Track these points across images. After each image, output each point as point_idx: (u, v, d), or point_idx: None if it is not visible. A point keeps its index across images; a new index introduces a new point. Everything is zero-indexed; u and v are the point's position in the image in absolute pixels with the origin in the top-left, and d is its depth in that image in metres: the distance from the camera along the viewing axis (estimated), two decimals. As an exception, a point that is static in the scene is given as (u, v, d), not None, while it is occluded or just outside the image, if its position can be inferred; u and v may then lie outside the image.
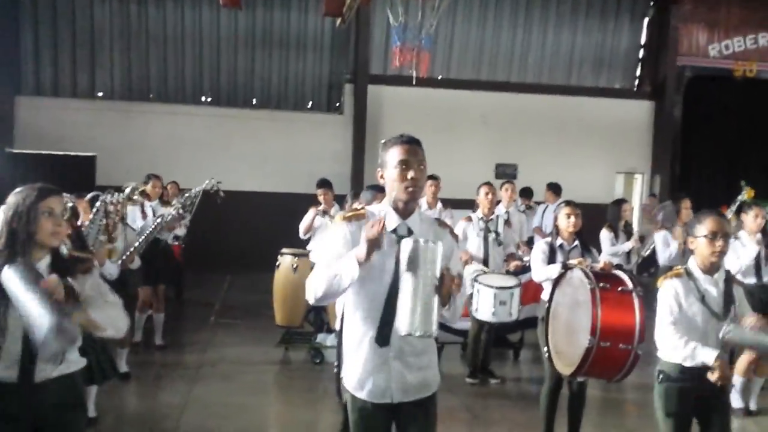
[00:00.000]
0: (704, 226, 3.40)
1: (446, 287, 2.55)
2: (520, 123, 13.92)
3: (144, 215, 7.21)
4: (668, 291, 3.44)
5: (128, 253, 5.62)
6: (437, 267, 2.53)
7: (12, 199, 2.70)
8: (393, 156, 2.74)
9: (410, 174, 2.70)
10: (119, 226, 6.00)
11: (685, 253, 6.44)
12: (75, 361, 2.84)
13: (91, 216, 5.00)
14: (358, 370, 2.78)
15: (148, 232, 6.10)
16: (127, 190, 5.87)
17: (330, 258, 2.74)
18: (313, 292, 2.71)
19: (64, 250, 2.82)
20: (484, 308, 6.16)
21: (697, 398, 3.41)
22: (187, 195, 8.11)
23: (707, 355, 3.25)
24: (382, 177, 2.81)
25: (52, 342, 2.34)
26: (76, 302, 2.62)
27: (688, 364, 3.33)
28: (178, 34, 13.05)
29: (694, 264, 3.47)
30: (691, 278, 3.43)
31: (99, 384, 4.77)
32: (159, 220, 6.46)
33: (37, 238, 2.66)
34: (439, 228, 2.88)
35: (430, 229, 2.82)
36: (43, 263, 2.70)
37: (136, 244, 5.82)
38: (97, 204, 5.02)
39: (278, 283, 7.17)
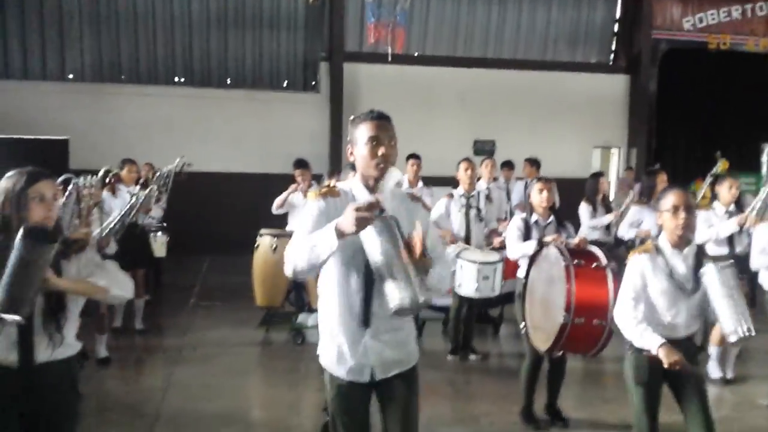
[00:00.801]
0: (668, 201, 3.43)
1: (416, 248, 2.53)
2: (497, 99, 13.92)
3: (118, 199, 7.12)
4: (634, 267, 3.47)
5: (103, 235, 5.55)
6: (402, 236, 2.52)
7: (2, 184, 2.73)
8: (363, 132, 2.71)
9: (381, 150, 2.68)
10: (94, 211, 5.94)
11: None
12: (72, 345, 2.87)
13: (62, 200, 4.91)
14: (334, 348, 2.79)
15: (122, 214, 6.03)
16: (100, 173, 5.77)
17: (303, 233, 2.68)
18: (291, 265, 2.62)
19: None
20: (468, 284, 6.18)
21: (667, 367, 3.42)
22: (158, 175, 8.00)
23: (651, 342, 3.30)
24: (351, 154, 2.78)
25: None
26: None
27: (636, 344, 3.37)
28: (149, 14, 12.80)
29: (664, 239, 3.49)
30: (659, 253, 3.45)
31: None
32: (133, 200, 6.39)
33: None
34: (411, 202, 2.88)
35: (402, 204, 2.81)
36: None
37: (111, 226, 5.75)
38: (69, 188, 4.93)
39: (257, 264, 7.13)
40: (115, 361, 6.30)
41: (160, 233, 7.88)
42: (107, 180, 5.98)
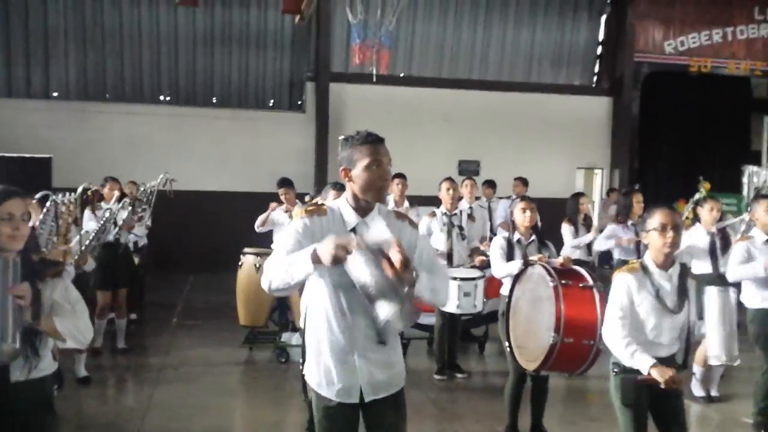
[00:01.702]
0: (655, 220, 3.45)
1: (396, 257, 2.44)
2: (482, 120, 14.02)
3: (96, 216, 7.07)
4: (620, 286, 3.47)
5: (80, 252, 5.51)
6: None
7: None
8: (363, 155, 2.69)
9: (383, 175, 2.70)
10: (73, 228, 5.89)
11: (639, 248, 6.61)
12: (48, 365, 2.81)
13: (41, 217, 4.87)
14: (321, 369, 2.75)
15: (97, 230, 5.99)
16: (79, 190, 5.73)
17: (283, 249, 2.66)
18: (267, 281, 2.61)
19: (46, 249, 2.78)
20: (449, 300, 6.20)
21: (650, 387, 3.41)
22: (141, 190, 7.95)
23: (642, 363, 3.29)
24: (347, 176, 2.73)
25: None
26: (40, 307, 2.61)
27: (626, 364, 3.38)
28: (135, 33, 12.82)
29: (649, 259, 3.50)
30: (645, 273, 3.46)
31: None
32: (107, 214, 6.34)
33: None
34: (397, 220, 2.85)
35: (388, 222, 2.78)
36: None
37: (87, 243, 5.71)
38: (47, 204, 4.89)
39: (241, 283, 7.09)
40: (96, 380, 6.20)
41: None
42: (86, 197, 5.91)
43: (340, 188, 5.03)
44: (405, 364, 2.93)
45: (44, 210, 4.91)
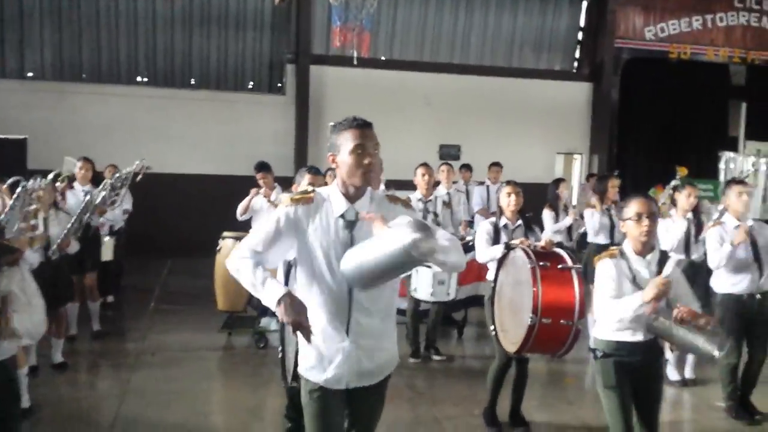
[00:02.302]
0: (631, 209, 3.53)
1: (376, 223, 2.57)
2: (463, 104, 13.99)
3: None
4: (604, 270, 3.56)
5: (62, 236, 5.44)
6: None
7: None
8: (347, 140, 2.68)
9: (367, 159, 2.67)
10: (52, 212, 5.81)
11: (613, 228, 6.69)
12: (4, 349, 2.74)
13: (10, 202, 4.78)
14: (312, 354, 2.75)
15: (78, 213, 5.92)
16: (50, 176, 5.64)
17: (259, 236, 2.74)
18: (234, 269, 2.76)
19: None
20: (423, 288, 6.28)
21: (631, 369, 3.55)
22: (116, 176, 7.86)
23: (632, 301, 3.37)
24: (333, 161, 2.74)
25: None
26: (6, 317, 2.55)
27: (629, 315, 3.39)
28: (112, 12, 12.57)
29: (628, 246, 3.58)
30: (623, 258, 3.55)
31: None
32: (87, 198, 6.27)
33: None
34: (390, 204, 2.84)
35: (381, 207, 2.77)
36: None
37: (68, 226, 5.64)
38: (18, 190, 4.80)
39: (219, 267, 7.02)
40: (72, 366, 6.14)
41: (107, 237, 7.73)
42: (57, 183, 5.82)
43: (315, 172, 5.01)
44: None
45: (14, 196, 4.81)
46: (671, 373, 6.05)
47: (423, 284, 6.26)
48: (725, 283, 5.20)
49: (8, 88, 12.12)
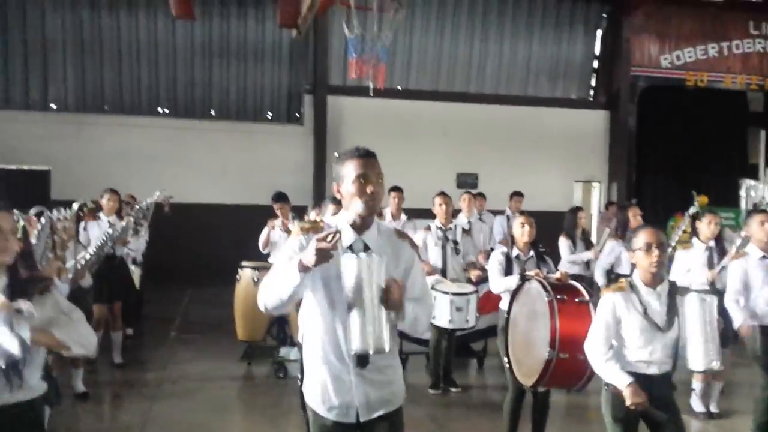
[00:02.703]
0: (640, 239, 3.48)
1: (393, 296, 2.52)
2: (480, 133, 14.05)
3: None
4: (606, 305, 3.50)
5: (78, 268, 5.48)
6: (382, 279, 2.52)
7: None
8: (350, 170, 2.67)
9: (369, 188, 2.64)
10: (71, 244, 5.86)
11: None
12: (34, 387, 2.73)
13: (36, 233, 4.84)
14: (319, 387, 2.72)
15: (98, 246, 5.97)
16: (75, 207, 5.70)
17: (275, 270, 2.71)
18: (262, 302, 2.70)
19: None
20: (441, 315, 6.25)
21: (631, 407, 3.41)
22: (138, 207, 7.95)
23: (620, 380, 3.35)
24: (338, 191, 2.73)
25: None
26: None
27: (606, 380, 3.42)
28: (133, 45, 12.85)
29: (637, 277, 3.53)
30: (633, 290, 3.49)
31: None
32: (110, 231, 6.32)
33: None
34: (398, 239, 2.81)
35: (389, 241, 2.75)
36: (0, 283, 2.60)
37: (87, 257, 5.68)
38: (42, 220, 4.86)
39: (239, 297, 7.07)
40: (93, 396, 6.16)
41: (134, 267, 7.80)
42: (81, 214, 5.87)
43: (338, 202, 5.02)
44: (404, 379, 2.90)
45: (39, 227, 4.88)
46: (696, 404, 5.95)
47: (441, 312, 6.21)
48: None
49: (32, 120, 12.38)
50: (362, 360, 2.58)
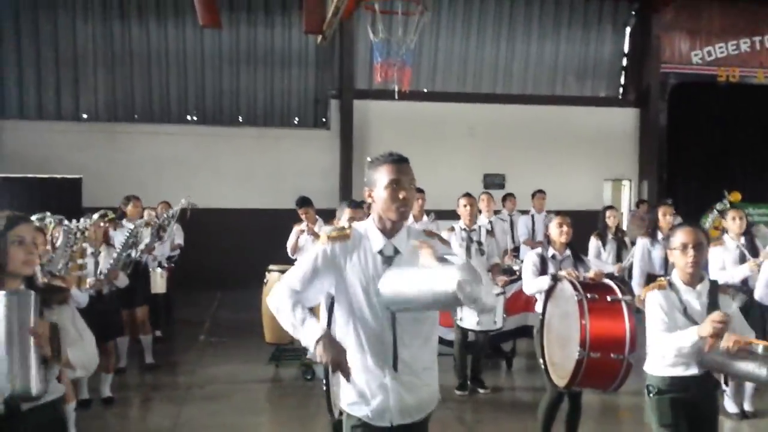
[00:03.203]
0: (677, 239, 3.42)
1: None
2: (507, 133, 13.96)
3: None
4: (654, 302, 3.43)
5: (108, 270, 5.57)
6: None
7: None
8: (383, 175, 2.67)
9: (402, 194, 2.64)
10: (103, 248, 5.95)
11: (668, 262, 6.47)
12: (56, 388, 2.77)
13: (57, 243, 4.92)
14: (354, 389, 2.71)
15: (123, 246, 6.07)
16: (95, 217, 5.78)
17: (297, 275, 2.76)
18: (274, 308, 2.79)
19: (40, 279, 2.76)
20: (468, 317, 6.20)
21: (687, 406, 3.39)
22: (164, 216, 8.06)
23: (690, 335, 3.20)
24: (370, 196, 2.74)
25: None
26: (58, 345, 2.57)
27: (685, 349, 3.25)
28: (162, 54, 13.03)
29: (676, 276, 3.47)
30: (673, 289, 3.43)
31: None
32: (133, 230, 6.39)
33: (8, 269, 2.60)
34: (428, 239, 2.80)
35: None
36: None
37: (112, 260, 5.79)
38: (63, 229, 4.94)
39: (266, 301, 7.08)
40: (122, 399, 6.24)
41: (159, 269, 7.89)
42: (104, 223, 5.94)
43: (355, 206, 5.03)
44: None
45: (59, 237, 4.96)
46: (729, 405, 5.82)
47: (468, 313, 6.18)
48: None
49: (64, 129, 12.62)
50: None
